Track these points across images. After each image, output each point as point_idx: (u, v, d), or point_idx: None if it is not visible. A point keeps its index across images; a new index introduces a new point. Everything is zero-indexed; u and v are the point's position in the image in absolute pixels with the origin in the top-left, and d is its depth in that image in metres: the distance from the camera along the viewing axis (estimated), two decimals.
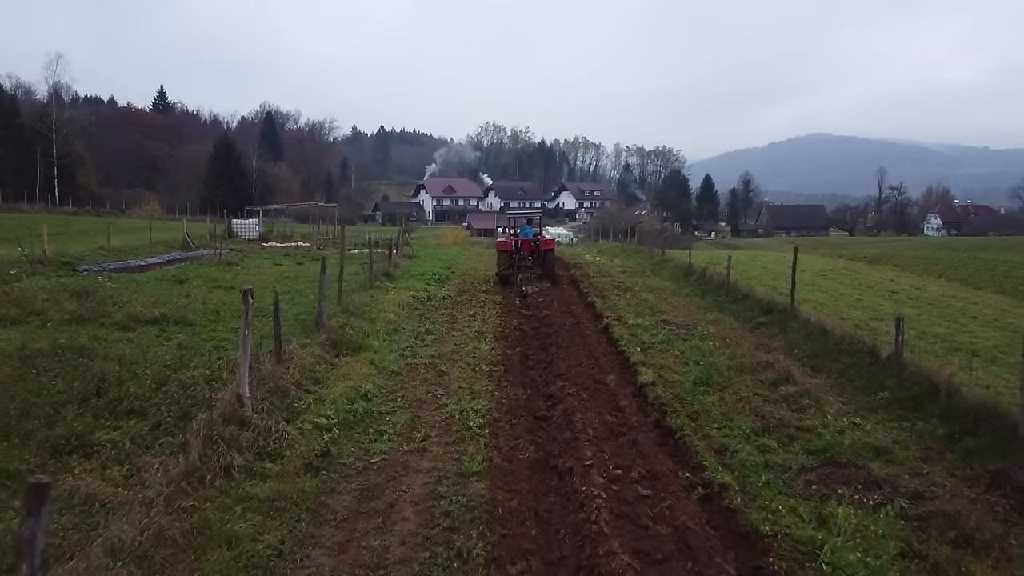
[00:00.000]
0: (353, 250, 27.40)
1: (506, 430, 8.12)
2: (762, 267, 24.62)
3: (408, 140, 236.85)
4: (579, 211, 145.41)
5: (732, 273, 18.64)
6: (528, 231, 21.83)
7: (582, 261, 28.63)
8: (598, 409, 8.67)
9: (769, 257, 30.62)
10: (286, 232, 44.91)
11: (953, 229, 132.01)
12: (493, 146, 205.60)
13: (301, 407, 8.13)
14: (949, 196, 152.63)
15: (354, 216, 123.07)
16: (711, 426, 8.33)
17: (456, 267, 26.26)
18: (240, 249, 31.44)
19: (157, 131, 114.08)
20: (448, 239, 48.75)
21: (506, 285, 19.76)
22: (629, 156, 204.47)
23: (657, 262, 25.99)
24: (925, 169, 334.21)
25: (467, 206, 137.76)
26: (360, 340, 11.37)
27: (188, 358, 9.53)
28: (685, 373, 10.45)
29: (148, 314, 11.95)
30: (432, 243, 44.97)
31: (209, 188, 73.47)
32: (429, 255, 30.55)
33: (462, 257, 32.16)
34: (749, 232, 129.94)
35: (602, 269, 24.48)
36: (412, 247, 32.65)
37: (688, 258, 22.94)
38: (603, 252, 35.68)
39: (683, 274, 21.32)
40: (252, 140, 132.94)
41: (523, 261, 20.04)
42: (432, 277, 21.14)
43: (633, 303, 16.61)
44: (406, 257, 26.99)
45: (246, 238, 39.44)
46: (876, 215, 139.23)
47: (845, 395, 9.75)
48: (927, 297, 18.11)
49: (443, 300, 17.25)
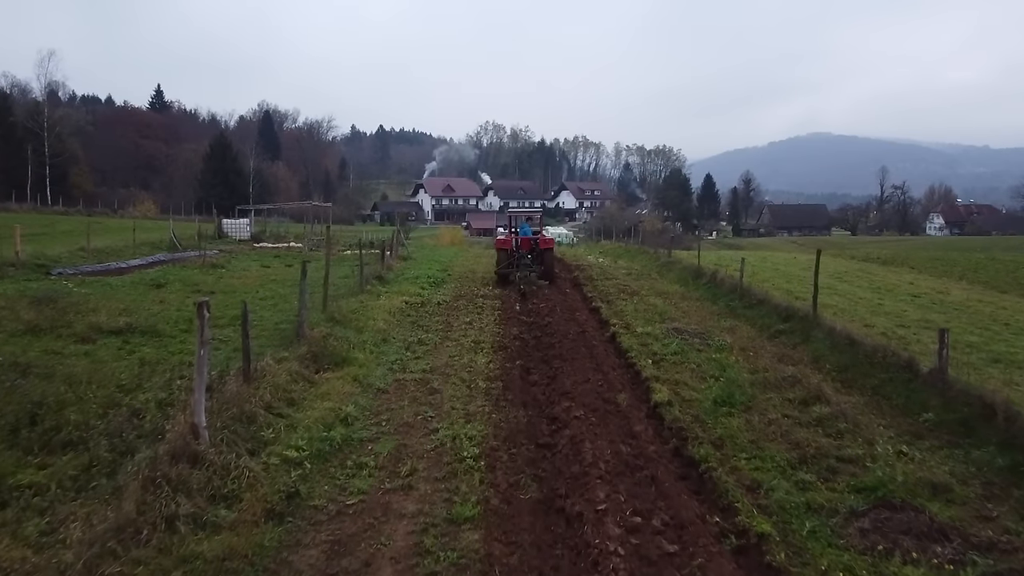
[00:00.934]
0: (347, 251, 26.41)
1: (504, 462, 7.08)
2: (772, 268, 23.58)
3: (407, 139, 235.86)
4: (579, 211, 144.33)
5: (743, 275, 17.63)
6: (527, 230, 21.65)
7: (584, 263, 27.58)
8: (609, 435, 7.63)
9: (779, 258, 29.57)
10: (279, 232, 43.83)
11: (956, 228, 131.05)
12: (492, 145, 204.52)
13: (269, 436, 7.08)
14: (951, 195, 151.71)
15: (352, 216, 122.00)
16: (739, 456, 7.28)
17: (453, 269, 25.19)
18: (229, 250, 30.30)
19: (154, 130, 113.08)
20: (446, 239, 47.24)
21: (505, 283, 19.56)
22: (629, 155, 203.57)
23: (663, 264, 24.92)
24: (925, 168, 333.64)
25: (466, 206, 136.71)
26: (344, 352, 10.32)
27: (147, 376, 8.48)
28: (704, 390, 9.41)
29: (113, 323, 10.90)
30: (429, 243, 43.69)
31: (205, 187, 72.36)
32: (425, 256, 29.45)
33: (460, 258, 31.09)
34: (751, 232, 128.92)
35: (606, 271, 23.40)
36: (408, 248, 31.62)
37: (697, 260, 21.84)
38: (606, 253, 34.58)
39: (692, 277, 20.25)
40: (250, 139, 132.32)
41: (522, 260, 19.89)
42: (427, 280, 20.06)
43: (641, 309, 15.55)
44: (401, 259, 25.88)
45: (237, 239, 38.21)
46: (878, 215, 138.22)
47: (884, 417, 8.70)
48: (952, 302, 17.06)
49: (438, 306, 16.18)
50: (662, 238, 67.49)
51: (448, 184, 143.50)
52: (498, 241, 22.00)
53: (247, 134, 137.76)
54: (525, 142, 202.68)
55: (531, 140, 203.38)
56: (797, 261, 27.75)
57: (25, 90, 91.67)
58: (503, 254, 20.44)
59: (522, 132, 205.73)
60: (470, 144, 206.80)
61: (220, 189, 68.51)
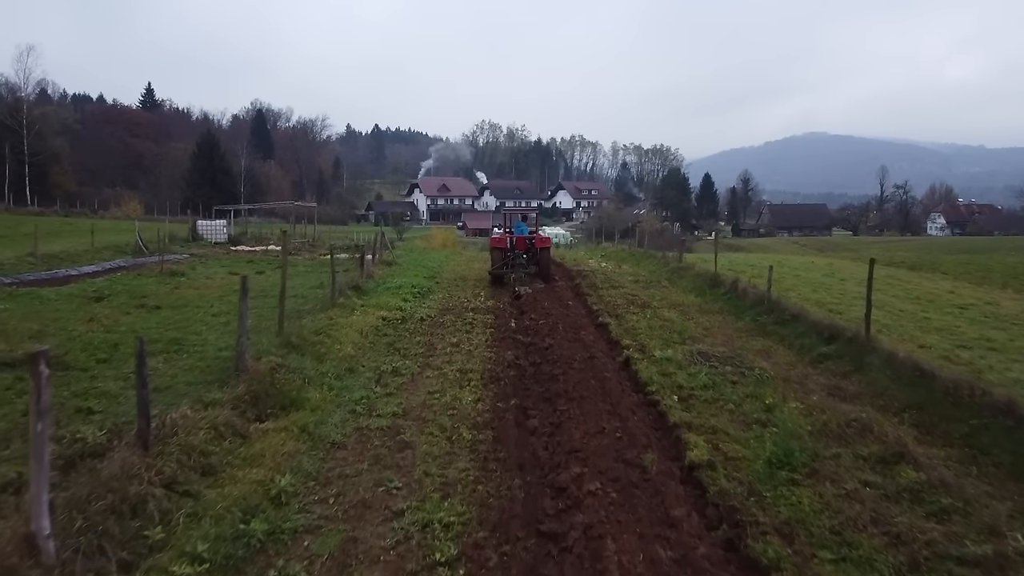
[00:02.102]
0: (342, 255, 24.09)
1: (493, 568, 5.00)
2: (793, 275, 21.49)
3: (403, 139, 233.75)
4: (576, 210, 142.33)
5: (761, 282, 15.60)
6: (523, 228, 20.92)
7: (586, 267, 25.46)
8: (639, 524, 5.54)
9: (795, 263, 27.43)
10: (261, 234, 41.56)
11: (957, 228, 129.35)
12: (489, 144, 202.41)
13: (157, 536, 4.96)
14: (952, 195, 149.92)
15: (346, 216, 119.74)
16: (821, 557, 5.21)
17: (443, 275, 23.03)
18: (201, 255, 28.02)
19: (143, 129, 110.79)
20: (437, 241, 44.68)
21: (499, 284, 18.92)
22: (627, 155, 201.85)
23: (673, 270, 22.68)
24: (921, 168, 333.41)
25: (462, 205, 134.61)
26: (295, 391, 8.22)
27: (17, 436, 6.37)
28: (751, 443, 7.33)
29: (8, 353, 8.76)
30: (420, 246, 41.03)
31: (192, 187, 69.98)
32: (414, 261, 27.21)
33: (451, 262, 28.91)
34: (750, 232, 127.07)
35: (611, 278, 21.24)
36: (394, 251, 29.45)
37: (714, 265, 19.69)
38: (608, 256, 32.20)
39: (708, 285, 18.07)
40: (243, 138, 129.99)
41: (517, 260, 19.25)
42: (411, 290, 17.69)
43: (656, 325, 13.44)
44: (385, 264, 23.68)
45: (212, 241, 35.69)
46: (878, 214, 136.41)
47: (992, 484, 6.64)
48: (1006, 315, 15.00)
49: (421, 322, 13.99)
50: (662, 239, 65.28)
51: (443, 184, 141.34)
52: (492, 240, 21.10)
53: (240, 133, 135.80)
54: (521, 141, 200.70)
55: (527, 139, 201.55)
56: (816, 266, 25.67)
57: (13, 88, 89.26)
58: (497, 253, 19.74)
59: (518, 131, 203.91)
60: (466, 143, 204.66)
61: (207, 189, 66.09)
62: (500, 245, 19.95)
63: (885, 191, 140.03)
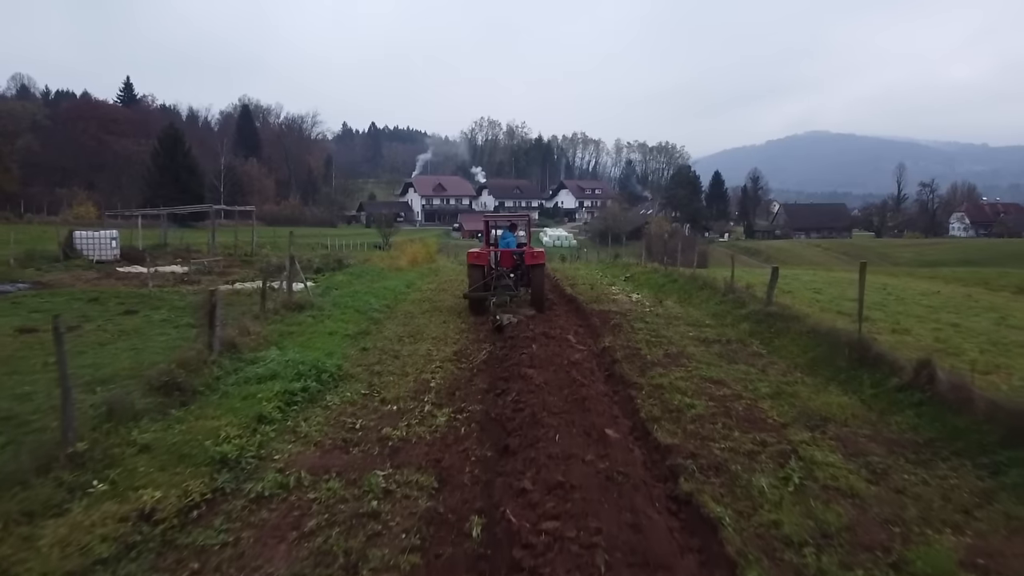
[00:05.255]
0: (247, 284, 15.57)
1: None
2: (909, 313, 14.37)
3: (401, 137, 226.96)
4: (579, 210, 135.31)
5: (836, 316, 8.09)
6: (511, 240, 16.78)
7: (608, 299, 18.07)
8: None
9: (908, 288, 20.15)
10: (187, 244, 33.90)
11: (982, 229, 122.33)
12: (488, 142, 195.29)
13: None
14: (975, 194, 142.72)
15: (335, 218, 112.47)
16: None
17: (385, 329, 13.18)
18: (53, 282, 19.75)
19: (120, 125, 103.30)
20: (406, 257, 30.74)
21: (478, 312, 14.98)
22: (631, 152, 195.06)
23: (755, 317, 12.74)
24: (924, 167, 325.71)
25: (459, 205, 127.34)
26: None
27: None
28: None
29: None
30: (377, 267, 26.43)
31: (153, 187, 62.73)
32: (353, 293, 17.35)
33: (413, 294, 19.32)
34: (765, 233, 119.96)
35: (658, 333, 12.28)
36: (323, 281, 19.83)
37: (857, 328, 9.60)
38: (637, 282, 22.82)
39: (850, 362, 8.75)
40: (228, 135, 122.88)
41: (501, 280, 15.24)
42: (299, 376, 8.28)
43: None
44: (292, 309, 13.35)
45: (93, 259, 26.72)
46: (896, 214, 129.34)
47: None
48: None
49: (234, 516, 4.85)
50: (672, 243, 57.98)
51: (439, 183, 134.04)
52: (470, 255, 16.35)
53: (227, 130, 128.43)
54: (522, 139, 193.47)
55: (528, 137, 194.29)
56: (917, 292, 18.53)
57: None
58: (476, 272, 15.55)
59: (518, 129, 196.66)
60: (464, 141, 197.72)
61: (169, 189, 58.79)
62: (480, 262, 15.67)
63: (903, 189, 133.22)
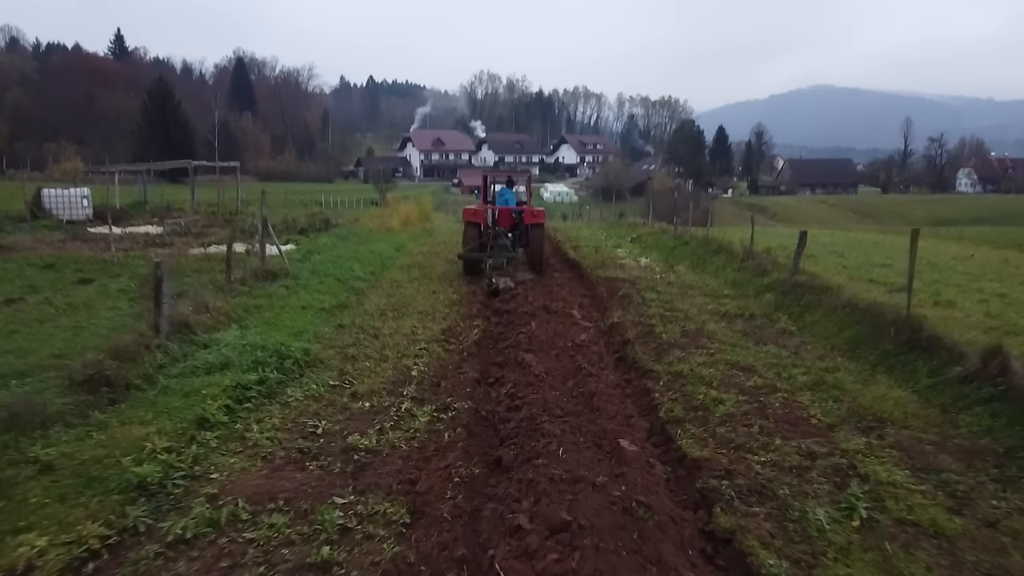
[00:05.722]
0: (221, 246, 13.78)
1: None
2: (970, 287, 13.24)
3: (399, 91, 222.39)
4: (580, 166, 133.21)
5: None
6: (509, 197, 16.16)
7: (611, 261, 16.76)
8: None
9: (944, 252, 18.88)
10: (168, 203, 31.97)
11: (990, 185, 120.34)
12: (488, 96, 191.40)
13: None
14: (984, 149, 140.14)
15: (332, 173, 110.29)
16: None
17: (375, 286, 12.63)
18: (9, 246, 17.48)
19: (110, 79, 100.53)
20: (398, 216, 27.87)
21: (472, 273, 14.39)
22: (633, 107, 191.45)
23: (779, 288, 11.49)
24: (929, 122, 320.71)
25: (458, 160, 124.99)
26: None
27: None
28: None
29: None
30: (366, 228, 23.88)
31: (142, 143, 60.93)
32: (341, 257, 15.76)
33: (406, 254, 18.04)
34: (769, 189, 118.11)
35: (668, 301, 11.28)
36: (305, 244, 18.19)
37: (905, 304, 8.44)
38: (642, 243, 21.27)
39: (898, 348, 7.77)
40: (224, 90, 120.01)
41: (498, 240, 14.72)
42: (257, 365, 6.86)
43: None
44: (263, 279, 11.82)
45: (63, 219, 24.53)
46: (902, 170, 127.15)
47: None
48: None
49: None
50: (671, 200, 56.58)
51: (438, 137, 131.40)
52: (466, 213, 15.86)
53: (222, 85, 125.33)
54: (522, 93, 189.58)
55: (528, 91, 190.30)
56: (982, 263, 17.28)
57: None
58: (472, 231, 15.03)
59: (519, 82, 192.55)
60: (464, 95, 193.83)
61: (159, 145, 57.02)
62: (476, 220, 15.12)
63: (909, 145, 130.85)
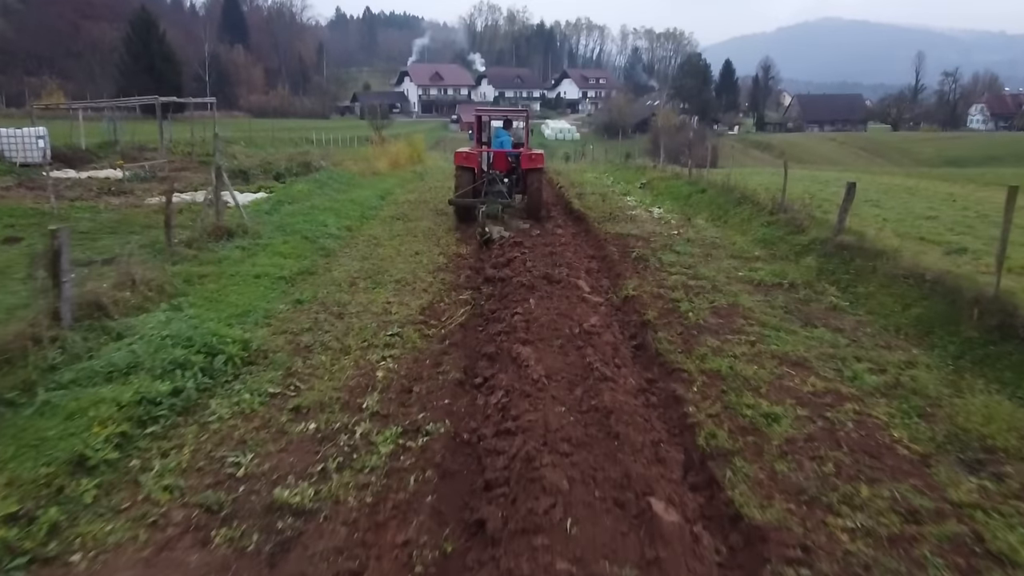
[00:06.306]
0: (195, 193, 12.68)
1: None
2: None
3: (397, 23, 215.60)
4: (582, 101, 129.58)
5: None
6: (505, 139, 14.92)
7: (620, 213, 15.17)
8: None
9: (989, 200, 17.26)
10: (140, 143, 29.79)
11: (1003, 122, 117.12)
12: (488, 28, 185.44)
13: None
14: (997, 84, 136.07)
15: (327, 109, 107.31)
16: None
17: (350, 245, 11.08)
18: None
19: (96, 8, 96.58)
20: (387, 158, 25.30)
21: (465, 221, 13.68)
22: (637, 39, 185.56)
23: (833, 252, 9.31)
24: (939, 56, 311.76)
25: (457, 96, 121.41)
26: None
27: None
28: None
29: None
30: (350, 172, 21.71)
31: (127, 77, 58.33)
32: (316, 208, 13.68)
33: (392, 203, 16.56)
34: (777, 126, 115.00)
35: (691, 265, 9.56)
36: (278, 192, 16.68)
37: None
38: (653, 188, 19.17)
39: (962, 320, 6.27)
40: (214, 21, 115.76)
41: (493, 186, 13.79)
42: (175, 366, 5.16)
43: None
44: (217, 238, 9.82)
45: (16, 162, 21.75)
46: (913, 106, 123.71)
47: None
48: None
49: None
50: (681, 136, 54.62)
51: (436, 72, 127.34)
52: (458, 156, 14.57)
53: (212, 16, 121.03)
54: (523, 25, 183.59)
55: (529, 23, 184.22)
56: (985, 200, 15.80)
57: None
58: (465, 176, 13.94)
59: (519, 13, 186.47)
60: (463, 27, 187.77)
61: (144, 78, 54.50)
62: (469, 164, 14.04)
63: (921, 79, 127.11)
